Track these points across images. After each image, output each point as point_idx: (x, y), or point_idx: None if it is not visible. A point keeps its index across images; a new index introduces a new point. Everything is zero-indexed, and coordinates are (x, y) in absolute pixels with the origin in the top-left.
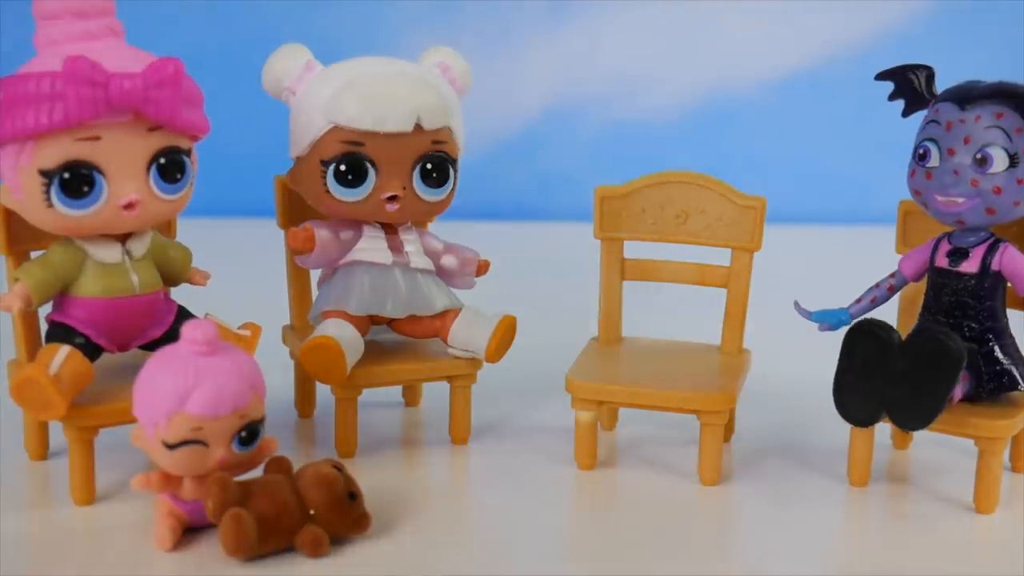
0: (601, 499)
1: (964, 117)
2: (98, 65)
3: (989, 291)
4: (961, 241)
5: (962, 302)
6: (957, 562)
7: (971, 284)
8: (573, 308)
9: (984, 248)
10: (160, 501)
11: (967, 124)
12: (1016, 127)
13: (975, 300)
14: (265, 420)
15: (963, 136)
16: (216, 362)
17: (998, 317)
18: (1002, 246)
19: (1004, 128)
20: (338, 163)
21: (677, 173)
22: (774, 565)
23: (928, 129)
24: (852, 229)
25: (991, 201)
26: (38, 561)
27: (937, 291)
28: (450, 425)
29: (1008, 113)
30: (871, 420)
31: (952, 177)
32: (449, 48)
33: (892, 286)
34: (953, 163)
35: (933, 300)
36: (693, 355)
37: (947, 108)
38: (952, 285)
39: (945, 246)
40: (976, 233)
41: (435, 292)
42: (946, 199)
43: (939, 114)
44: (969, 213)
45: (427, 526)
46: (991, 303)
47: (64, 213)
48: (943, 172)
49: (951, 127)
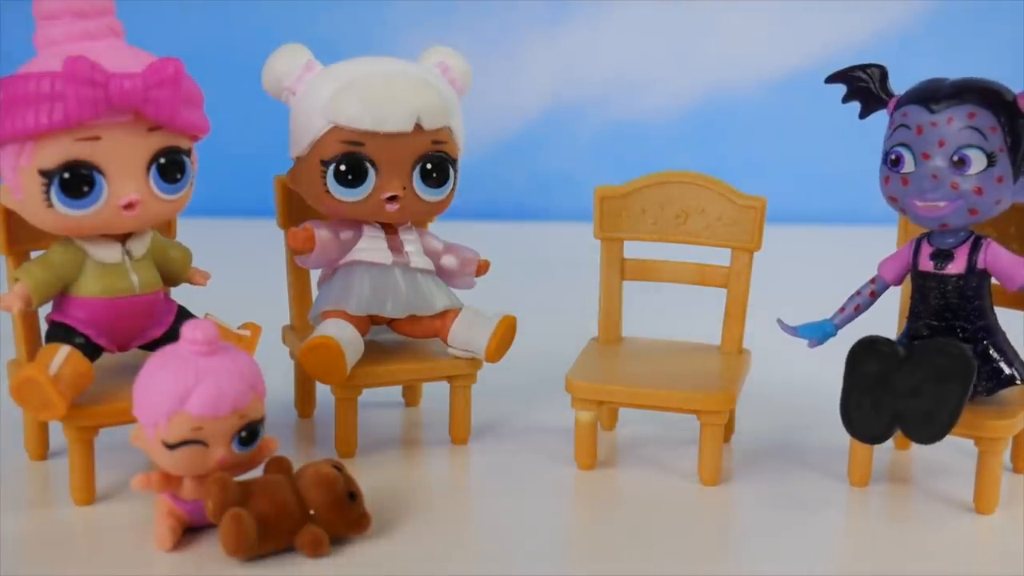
0: (601, 499)
1: (935, 120)
2: (98, 65)
3: (976, 290)
4: (942, 242)
5: (952, 304)
6: (957, 563)
7: (959, 285)
8: (573, 308)
9: (968, 247)
10: (160, 501)
11: (939, 127)
12: (990, 125)
13: (964, 300)
14: (265, 420)
15: (937, 139)
16: (216, 362)
17: (987, 315)
18: (985, 243)
19: (979, 128)
20: (338, 163)
21: (677, 173)
22: (774, 565)
23: (898, 134)
24: (852, 229)
25: (973, 202)
26: (38, 561)
27: (924, 294)
28: (450, 425)
29: (980, 112)
30: (883, 437)
31: (931, 182)
32: (449, 48)
33: (874, 292)
34: (929, 167)
35: (921, 304)
36: (693, 355)
37: (915, 111)
38: (939, 287)
39: (927, 248)
40: (955, 234)
41: (435, 292)
42: (926, 204)
43: (907, 117)
44: (952, 216)
45: (427, 526)
46: (979, 302)
47: (64, 213)
48: (920, 177)
49: (922, 131)
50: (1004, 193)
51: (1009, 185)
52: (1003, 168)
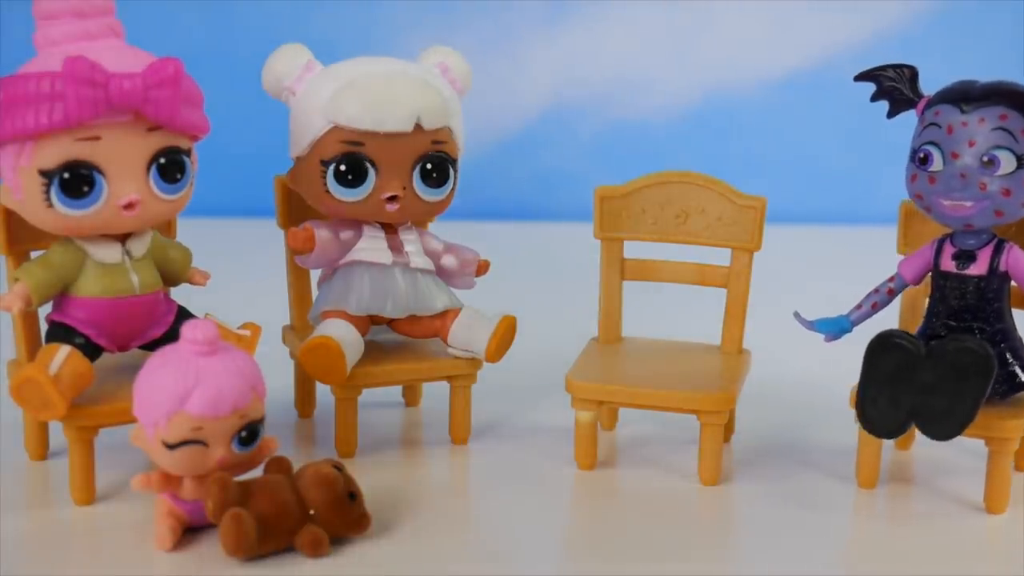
0: (601, 499)
1: (966, 119)
2: (98, 65)
3: (997, 292)
4: (964, 243)
5: (971, 305)
6: (967, 562)
7: (980, 286)
8: (573, 308)
9: (991, 249)
10: (160, 501)
11: (970, 126)
12: (1021, 128)
13: (984, 302)
14: (265, 420)
15: (967, 139)
16: (216, 362)
17: (1006, 318)
18: (1007, 246)
19: (1009, 130)
20: (338, 163)
21: (677, 173)
22: (774, 565)
23: (928, 132)
24: (852, 229)
25: (1000, 203)
26: (38, 561)
27: (944, 294)
28: (450, 425)
29: (1011, 114)
30: (898, 432)
31: (959, 181)
32: (449, 48)
33: (892, 290)
34: (958, 166)
35: (940, 303)
36: (693, 355)
37: (947, 110)
38: (960, 288)
39: (949, 248)
40: (978, 235)
41: (435, 292)
42: (953, 203)
43: (939, 116)
44: (978, 216)
45: (427, 526)
46: (999, 304)
47: (64, 213)
48: (948, 176)
49: (953, 130)
50: None
51: None
52: None
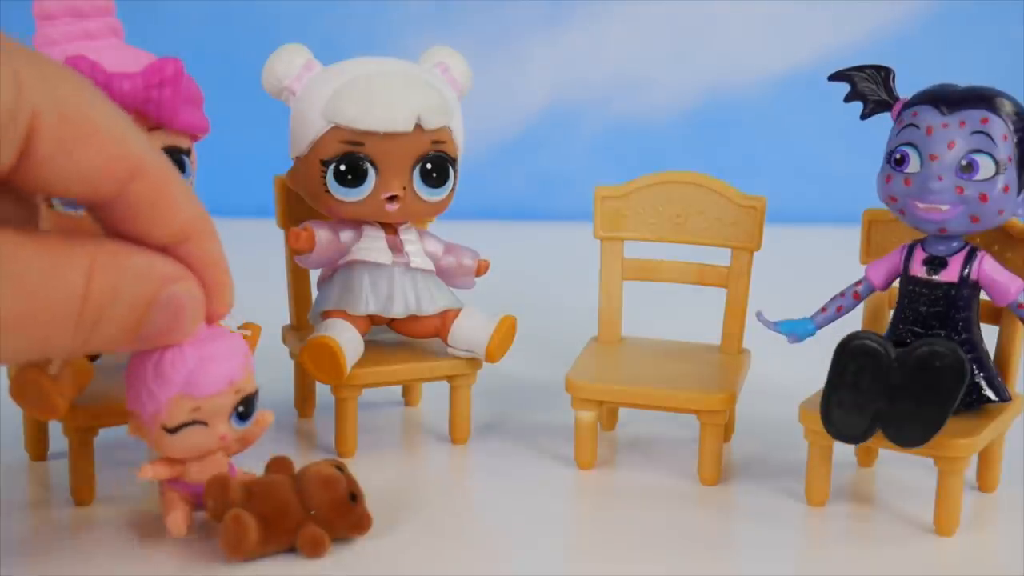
0: (601, 499)
1: (947, 121)
2: (98, 65)
3: (967, 301)
4: (936, 249)
5: (939, 312)
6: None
7: (950, 294)
8: (573, 308)
9: (962, 257)
10: (164, 495)
11: (951, 128)
12: (1002, 133)
13: (953, 310)
14: (258, 393)
15: (947, 141)
16: (205, 342)
17: (972, 328)
18: (979, 255)
19: (990, 134)
20: (338, 163)
21: (677, 173)
22: (774, 565)
23: (905, 133)
24: (852, 229)
25: (976, 209)
26: (38, 561)
27: (913, 301)
28: (450, 425)
29: (992, 118)
30: (862, 437)
31: (936, 183)
32: (449, 48)
33: (858, 294)
34: (936, 169)
35: (908, 310)
36: (693, 355)
37: (926, 111)
38: (929, 295)
39: (920, 254)
40: (949, 242)
41: (435, 292)
42: (928, 206)
43: (917, 117)
44: (953, 220)
45: (427, 526)
46: (967, 314)
47: (64, 213)
48: (925, 178)
49: (932, 132)
50: (1008, 204)
51: (1013, 196)
52: (1010, 178)
